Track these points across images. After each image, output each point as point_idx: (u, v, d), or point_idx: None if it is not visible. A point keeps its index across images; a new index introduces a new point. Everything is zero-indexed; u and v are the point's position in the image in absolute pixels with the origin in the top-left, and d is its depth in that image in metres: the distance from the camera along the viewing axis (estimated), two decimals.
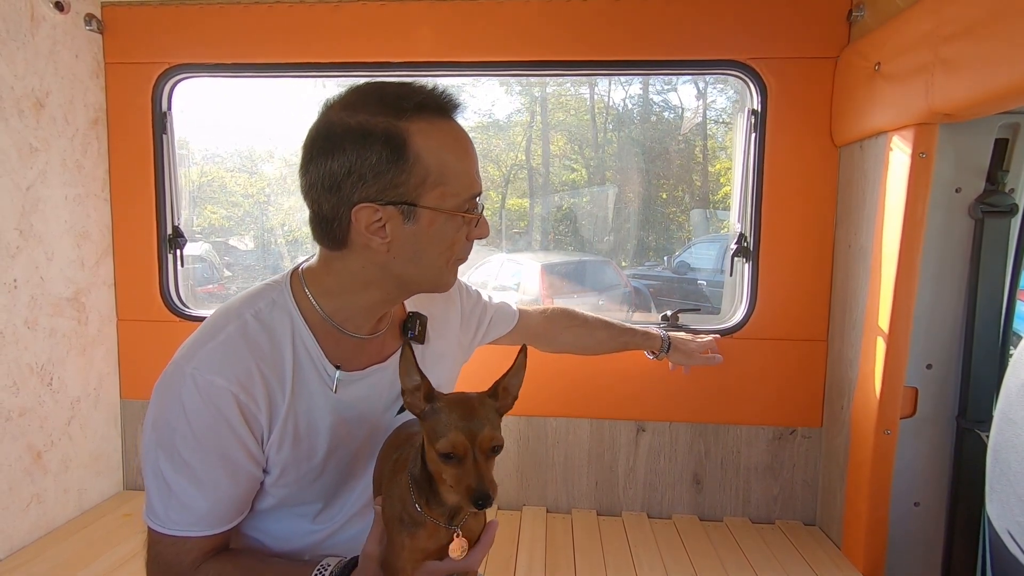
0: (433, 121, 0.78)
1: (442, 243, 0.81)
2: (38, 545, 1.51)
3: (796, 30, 1.59)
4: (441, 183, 0.78)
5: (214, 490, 0.78)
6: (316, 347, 0.84)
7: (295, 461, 0.83)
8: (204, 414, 0.76)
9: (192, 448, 0.77)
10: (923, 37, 1.19)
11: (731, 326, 1.69)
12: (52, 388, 1.59)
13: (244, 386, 0.77)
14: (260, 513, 0.88)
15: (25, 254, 1.50)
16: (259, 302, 0.83)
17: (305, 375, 0.83)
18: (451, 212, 0.79)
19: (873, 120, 1.40)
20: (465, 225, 0.82)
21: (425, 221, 0.79)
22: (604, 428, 1.74)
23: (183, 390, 0.76)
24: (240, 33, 1.70)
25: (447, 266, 0.85)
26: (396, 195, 0.77)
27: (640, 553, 1.53)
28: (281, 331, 0.82)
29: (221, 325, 0.80)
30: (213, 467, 0.78)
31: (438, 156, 0.78)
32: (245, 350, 0.79)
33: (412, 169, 0.76)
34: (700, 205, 3.44)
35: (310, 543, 0.90)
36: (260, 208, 2.88)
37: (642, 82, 3.33)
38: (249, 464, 0.80)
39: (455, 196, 0.79)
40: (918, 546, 1.50)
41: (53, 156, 1.58)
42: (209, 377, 0.76)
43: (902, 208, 1.29)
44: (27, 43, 1.49)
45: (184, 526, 0.78)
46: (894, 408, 1.36)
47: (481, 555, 0.78)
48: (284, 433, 0.81)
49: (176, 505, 0.78)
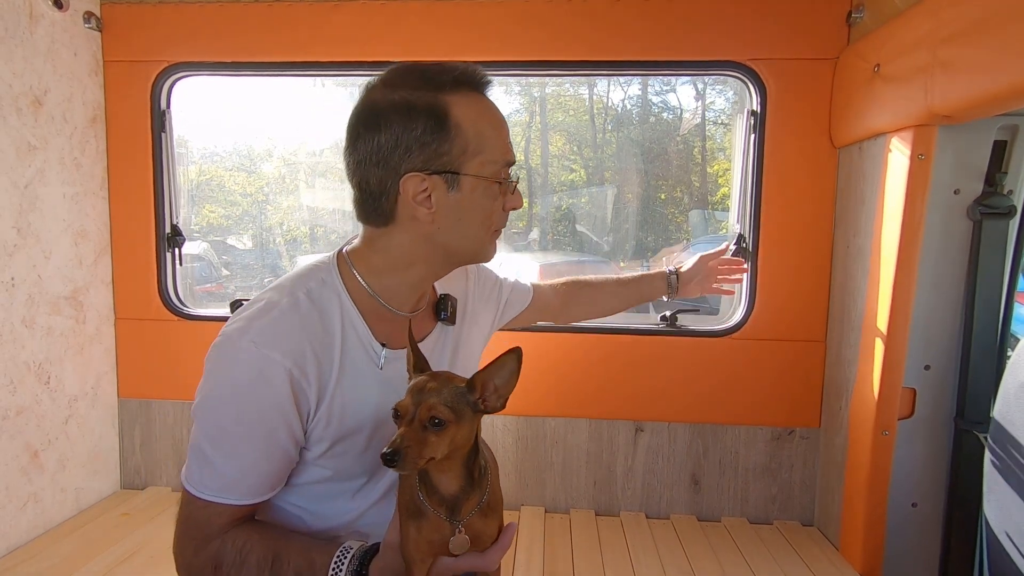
0: (469, 95, 0.84)
1: (482, 211, 0.86)
2: (35, 545, 1.51)
3: (795, 31, 1.59)
4: (480, 151, 0.83)
5: (249, 463, 0.81)
6: (363, 326, 0.87)
7: (343, 435, 0.86)
8: (253, 386, 0.78)
9: (235, 419, 0.80)
10: (922, 39, 1.20)
11: (730, 327, 1.69)
12: (49, 387, 1.58)
13: (297, 362, 0.79)
14: (303, 488, 0.90)
15: (23, 252, 1.50)
16: (309, 282, 0.86)
17: (353, 353, 0.86)
18: (491, 179, 0.84)
19: (872, 121, 1.41)
20: (501, 195, 0.87)
21: (467, 189, 0.83)
22: (602, 428, 1.74)
23: (236, 361, 0.79)
24: (239, 32, 1.69)
25: (488, 235, 0.89)
26: (440, 164, 0.81)
27: (638, 553, 1.53)
28: (330, 310, 0.85)
29: (275, 302, 0.83)
30: (252, 440, 0.80)
31: (476, 126, 0.83)
32: (299, 327, 0.81)
33: (454, 139, 0.81)
34: (699, 206, 3.44)
35: (344, 521, 0.93)
36: (259, 207, 2.87)
37: (641, 83, 3.33)
38: (287, 442, 0.82)
39: (493, 163, 0.84)
40: (916, 547, 1.50)
41: (51, 154, 1.57)
42: (264, 351, 0.78)
43: (901, 209, 1.29)
44: (26, 41, 1.49)
45: (215, 492, 0.81)
46: (892, 409, 1.36)
47: (498, 556, 0.79)
48: (332, 409, 0.84)
49: (211, 472, 0.81)
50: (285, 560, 0.81)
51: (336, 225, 2.60)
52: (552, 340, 1.72)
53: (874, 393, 1.37)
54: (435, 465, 0.73)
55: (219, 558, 0.81)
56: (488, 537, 0.79)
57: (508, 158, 0.87)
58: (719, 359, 1.69)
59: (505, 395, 0.77)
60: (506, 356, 0.74)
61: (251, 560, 0.81)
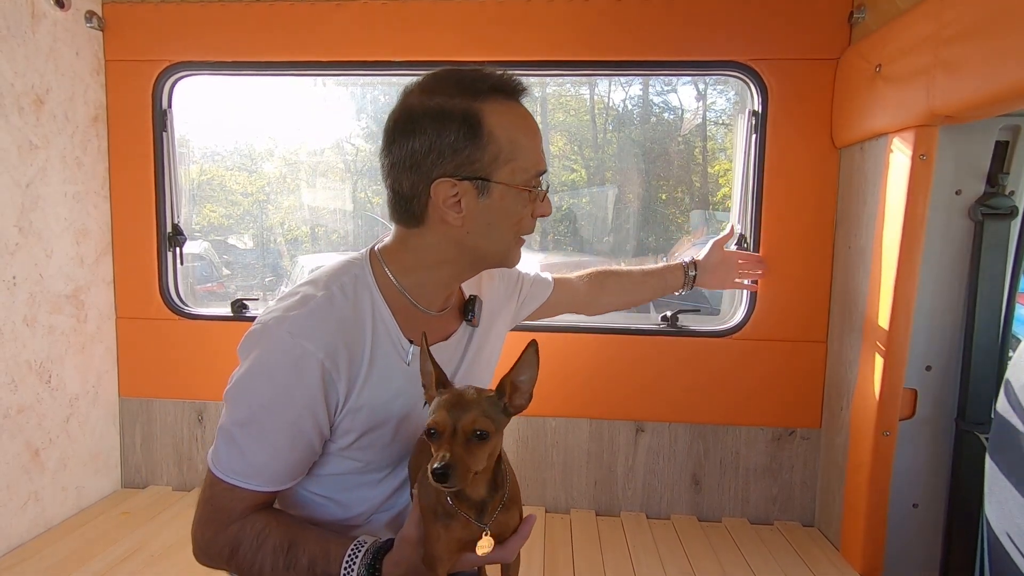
0: (504, 102, 0.85)
1: (512, 217, 0.87)
2: (36, 543, 1.51)
3: (797, 31, 1.59)
4: (512, 159, 0.84)
5: (273, 450, 0.83)
6: (393, 322, 0.89)
7: (370, 428, 0.88)
8: (286, 375, 0.80)
9: (264, 407, 0.81)
10: (924, 39, 1.20)
11: (731, 327, 1.69)
12: (51, 386, 1.58)
13: (330, 353, 0.81)
14: (329, 478, 0.92)
15: (24, 251, 1.50)
16: (343, 277, 0.88)
17: (382, 348, 0.88)
18: (521, 187, 0.85)
19: (874, 122, 1.40)
20: (531, 202, 0.88)
21: (497, 196, 0.85)
22: (603, 428, 1.74)
23: (271, 349, 0.81)
24: (241, 31, 1.69)
25: (514, 241, 0.90)
26: (471, 171, 0.83)
27: (639, 553, 1.53)
28: (363, 306, 0.87)
29: (310, 295, 0.84)
30: (279, 430, 0.82)
31: (509, 134, 0.84)
32: (333, 320, 0.83)
33: (487, 146, 0.83)
34: (700, 206, 3.44)
35: (366, 509, 0.96)
36: (260, 207, 2.87)
37: (642, 83, 3.33)
38: (312, 433, 0.84)
39: (524, 172, 0.85)
40: (916, 547, 1.50)
41: (53, 153, 1.58)
42: (300, 340, 0.80)
43: (902, 210, 1.29)
44: (28, 40, 1.49)
45: (241, 477, 0.82)
46: (893, 409, 1.36)
47: (516, 546, 0.81)
48: (361, 401, 0.86)
49: (238, 456, 0.82)
50: (301, 547, 0.83)
51: (337, 225, 2.60)
52: (553, 340, 1.71)
53: (875, 394, 1.37)
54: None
55: (237, 541, 0.83)
56: (509, 528, 0.81)
57: (540, 167, 0.88)
58: (720, 359, 1.69)
59: (529, 391, 0.78)
60: (526, 352, 0.76)
61: (268, 545, 0.83)
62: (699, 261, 1.50)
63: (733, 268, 1.56)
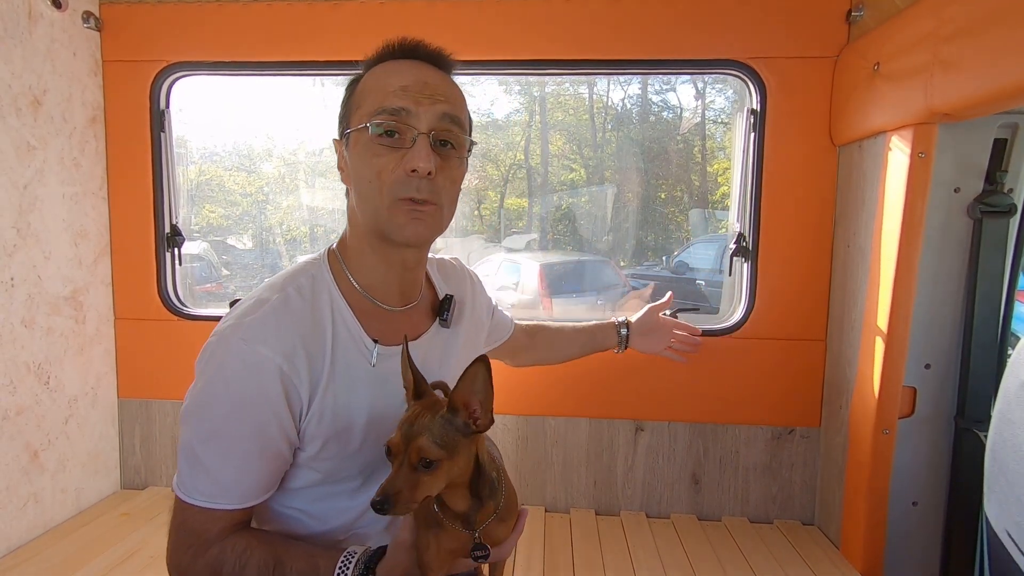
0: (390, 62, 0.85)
1: (368, 167, 0.81)
2: (35, 545, 1.51)
3: (795, 30, 1.59)
4: (360, 106, 0.83)
5: (241, 464, 0.79)
6: (354, 321, 0.86)
7: (336, 433, 0.84)
8: (244, 384, 0.77)
9: (225, 419, 0.77)
10: (922, 37, 1.19)
11: (730, 326, 1.69)
12: (49, 387, 1.58)
13: (288, 357, 0.78)
14: (301, 491, 0.88)
15: (22, 252, 1.50)
16: (300, 278, 0.86)
17: (344, 349, 0.84)
18: (361, 127, 0.81)
19: (872, 120, 1.40)
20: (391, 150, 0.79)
21: (353, 145, 0.83)
22: (603, 427, 1.74)
23: (227, 358, 0.77)
24: (239, 31, 1.69)
25: (380, 198, 0.81)
26: (344, 127, 0.85)
27: (638, 553, 1.53)
28: (321, 306, 0.84)
29: (265, 298, 0.82)
30: (244, 440, 0.78)
31: (368, 83, 0.83)
32: (289, 322, 0.80)
33: (351, 100, 0.84)
34: (699, 205, 3.44)
35: (345, 521, 0.91)
36: (259, 207, 2.87)
37: (641, 82, 3.33)
38: (280, 441, 0.81)
39: (368, 114, 0.81)
40: (916, 546, 1.50)
41: (51, 154, 1.57)
42: (254, 346, 0.77)
43: (901, 208, 1.29)
44: (25, 40, 1.48)
45: (208, 497, 0.79)
46: (892, 408, 1.36)
47: (512, 544, 0.80)
48: (324, 406, 0.82)
49: (203, 476, 0.78)
50: (288, 565, 0.79)
51: (336, 225, 2.60)
52: None
53: (874, 392, 1.37)
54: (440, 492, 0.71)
55: (219, 564, 0.79)
56: (502, 538, 0.79)
57: (385, 105, 0.79)
58: (719, 358, 1.69)
59: (489, 406, 0.72)
60: (473, 367, 0.70)
61: (252, 565, 0.79)
62: (631, 323, 1.48)
63: (666, 336, 1.52)
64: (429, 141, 0.80)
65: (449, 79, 0.88)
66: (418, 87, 0.80)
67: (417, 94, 0.80)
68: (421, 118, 0.80)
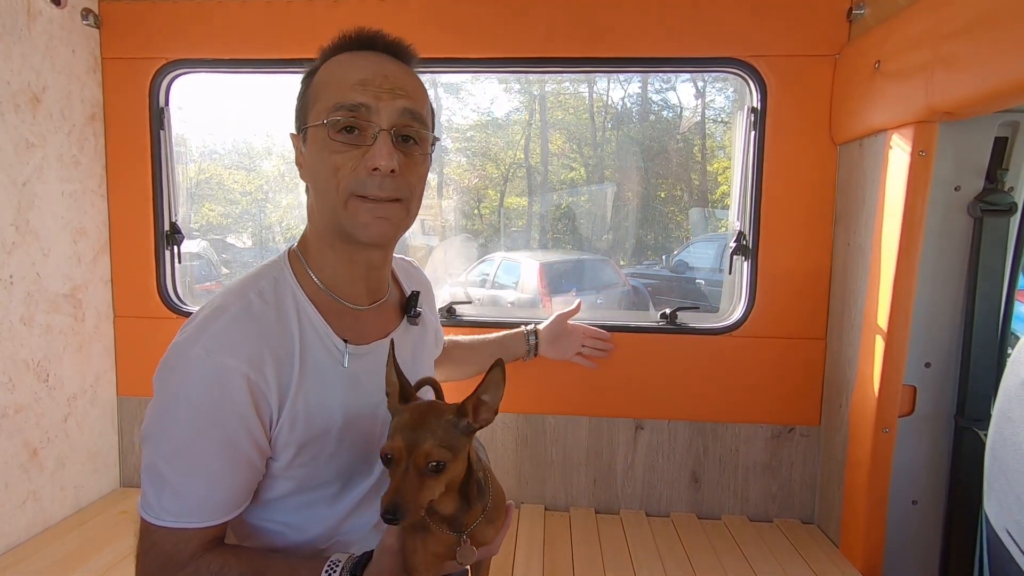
0: (348, 54, 0.83)
1: (325, 163, 0.78)
2: (34, 543, 1.51)
3: (796, 28, 1.59)
4: (317, 100, 0.80)
5: (211, 479, 0.75)
6: (322, 322, 0.83)
7: (310, 438, 0.81)
8: (208, 397, 0.73)
9: (190, 433, 0.74)
10: (923, 35, 1.19)
11: (730, 324, 1.69)
12: (48, 385, 1.58)
13: (254, 365, 0.75)
14: (278, 502, 0.85)
15: (21, 250, 1.50)
16: (261, 282, 0.82)
17: (313, 351, 0.81)
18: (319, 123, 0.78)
19: (873, 118, 1.40)
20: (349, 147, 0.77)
21: (310, 142, 0.80)
22: (602, 426, 1.74)
23: (188, 371, 0.73)
24: (238, 29, 1.69)
25: (337, 196, 0.78)
26: (301, 122, 0.83)
27: (638, 551, 1.53)
28: (286, 308, 0.81)
29: (225, 306, 0.78)
30: (211, 454, 0.75)
31: (324, 77, 0.81)
32: (253, 329, 0.77)
33: (308, 93, 0.81)
34: (699, 204, 3.44)
35: (326, 529, 0.88)
36: (258, 205, 2.87)
37: (641, 81, 3.33)
38: (251, 451, 0.77)
39: (325, 110, 0.78)
40: (916, 545, 1.50)
41: (50, 152, 1.57)
42: (218, 357, 0.73)
43: (901, 206, 1.29)
44: (23, 37, 1.48)
45: (178, 517, 0.75)
46: (892, 406, 1.36)
47: (500, 541, 0.79)
48: (295, 411, 0.79)
49: (170, 496, 0.74)
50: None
51: None
52: None
53: (874, 390, 1.37)
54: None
55: None
56: (489, 538, 0.79)
57: (343, 100, 0.76)
58: (719, 357, 1.69)
59: (496, 407, 0.74)
60: (493, 371, 0.71)
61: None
62: (540, 331, 1.47)
63: (576, 343, 1.50)
64: (391, 137, 0.77)
65: (410, 71, 0.85)
66: (378, 81, 0.78)
67: (377, 88, 0.78)
68: (382, 114, 0.78)
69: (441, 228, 3.13)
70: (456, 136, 3.30)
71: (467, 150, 3.44)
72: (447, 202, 3.24)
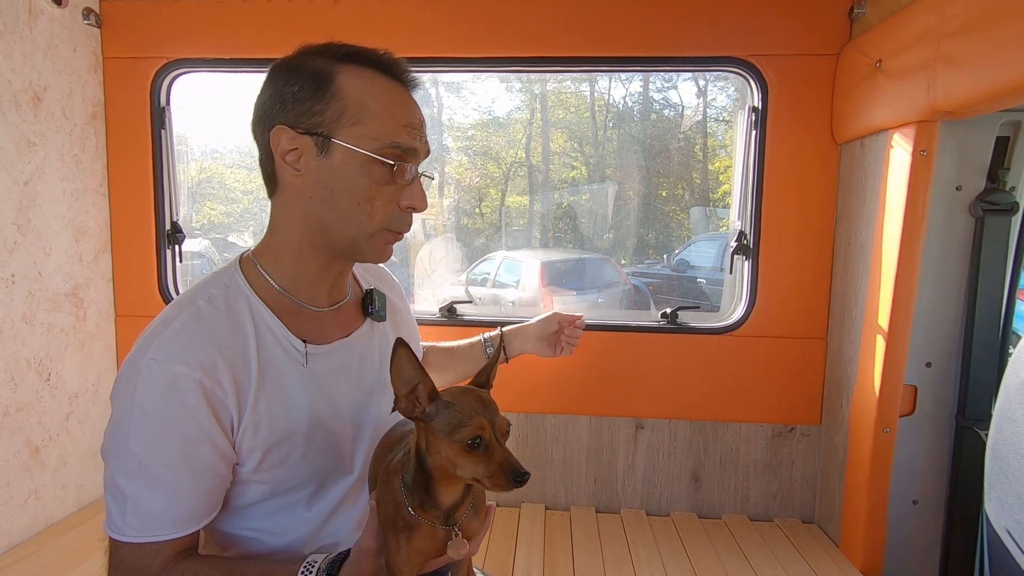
0: (371, 71, 0.80)
1: (359, 190, 0.78)
2: (36, 540, 1.51)
3: (797, 27, 1.59)
4: (359, 122, 0.78)
5: (173, 490, 0.74)
6: (277, 323, 0.82)
7: (276, 441, 0.80)
8: (162, 406, 0.72)
9: (147, 446, 0.73)
10: (925, 34, 1.19)
11: (731, 324, 1.69)
12: (50, 383, 1.58)
13: (208, 371, 0.74)
14: (252, 508, 0.84)
15: (23, 249, 1.50)
16: (210, 289, 0.81)
17: (270, 353, 0.80)
18: (367, 153, 0.77)
19: (874, 117, 1.40)
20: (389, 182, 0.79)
21: (339, 158, 0.78)
22: (603, 425, 1.74)
23: (138, 383, 0.72)
24: (239, 28, 1.69)
25: (369, 222, 0.80)
26: (312, 124, 0.77)
27: (638, 550, 1.53)
28: (238, 312, 0.80)
29: (173, 315, 0.77)
30: (171, 464, 0.73)
31: (360, 97, 0.78)
32: (203, 335, 0.76)
33: (330, 101, 0.77)
34: (700, 203, 3.44)
35: (306, 532, 0.87)
36: (259, 204, 2.86)
37: (642, 79, 3.33)
38: (213, 458, 0.76)
39: (374, 140, 0.77)
40: (916, 544, 1.50)
41: (51, 151, 1.57)
42: (168, 366, 0.72)
43: (902, 206, 1.29)
44: (25, 37, 1.48)
45: (143, 531, 0.73)
46: (893, 406, 1.35)
47: (480, 540, 0.78)
48: (258, 415, 0.78)
49: (133, 510, 0.73)
50: None
51: None
52: None
53: (875, 390, 1.36)
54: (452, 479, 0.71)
55: None
56: (479, 530, 0.79)
57: (398, 140, 0.78)
58: (720, 356, 1.69)
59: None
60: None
61: None
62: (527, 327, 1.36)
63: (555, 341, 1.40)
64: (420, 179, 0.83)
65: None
66: (418, 125, 0.82)
67: (419, 134, 0.82)
68: (419, 157, 0.83)
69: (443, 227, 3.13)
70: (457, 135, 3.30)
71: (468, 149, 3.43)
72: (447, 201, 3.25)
